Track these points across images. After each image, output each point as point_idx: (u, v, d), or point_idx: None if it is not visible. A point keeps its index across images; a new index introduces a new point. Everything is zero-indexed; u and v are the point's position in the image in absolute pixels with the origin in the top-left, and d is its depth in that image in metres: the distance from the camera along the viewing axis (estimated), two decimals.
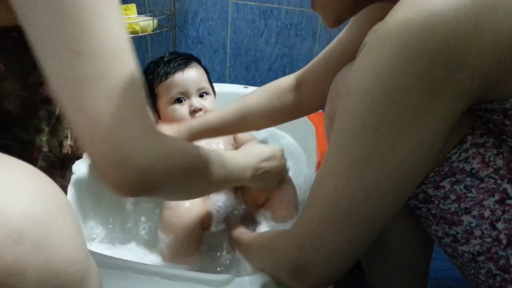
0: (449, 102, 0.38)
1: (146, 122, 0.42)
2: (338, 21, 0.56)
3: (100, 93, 0.38)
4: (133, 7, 1.33)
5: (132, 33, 1.31)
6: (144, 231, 0.83)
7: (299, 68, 0.77)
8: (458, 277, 0.82)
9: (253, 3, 1.43)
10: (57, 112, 0.58)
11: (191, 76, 0.91)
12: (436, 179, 0.45)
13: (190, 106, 0.89)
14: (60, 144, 0.63)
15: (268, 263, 0.58)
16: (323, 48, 0.73)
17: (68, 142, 0.64)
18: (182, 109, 0.89)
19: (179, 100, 0.90)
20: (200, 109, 0.89)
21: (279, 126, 1.12)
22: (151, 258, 0.76)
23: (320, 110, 1.08)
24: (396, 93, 0.38)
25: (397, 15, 0.38)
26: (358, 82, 0.41)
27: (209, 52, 1.55)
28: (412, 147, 0.40)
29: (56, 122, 0.58)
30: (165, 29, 1.49)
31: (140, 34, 1.33)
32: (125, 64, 0.40)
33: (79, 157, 0.77)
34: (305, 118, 1.05)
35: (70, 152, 0.66)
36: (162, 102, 0.91)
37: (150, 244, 0.80)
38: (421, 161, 0.42)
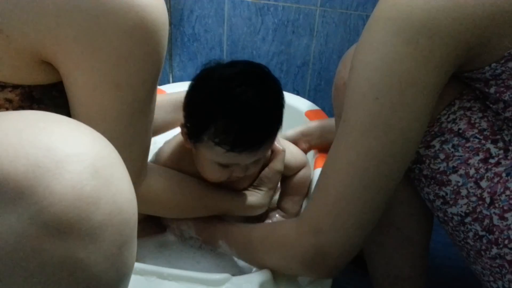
0: (438, 66, 0.43)
1: None
2: None
3: None
4: None
5: None
6: None
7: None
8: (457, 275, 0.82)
9: (250, 0, 1.42)
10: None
11: (258, 155, 0.70)
12: (427, 139, 0.49)
13: (233, 172, 0.71)
14: None
15: (276, 256, 0.56)
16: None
17: None
18: (223, 172, 0.71)
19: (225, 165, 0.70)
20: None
21: None
22: None
23: (318, 108, 1.08)
24: (391, 62, 0.43)
25: None
26: (359, 57, 0.46)
27: (206, 49, 1.54)
28: (411, 111, 0.44)
29: None
30: None
31: None
32: None
33: None
34: (304, 116, 1.04)
35: None
36: (204, 153, 0.69)
37: None
38: (420, 123, 0.46)
